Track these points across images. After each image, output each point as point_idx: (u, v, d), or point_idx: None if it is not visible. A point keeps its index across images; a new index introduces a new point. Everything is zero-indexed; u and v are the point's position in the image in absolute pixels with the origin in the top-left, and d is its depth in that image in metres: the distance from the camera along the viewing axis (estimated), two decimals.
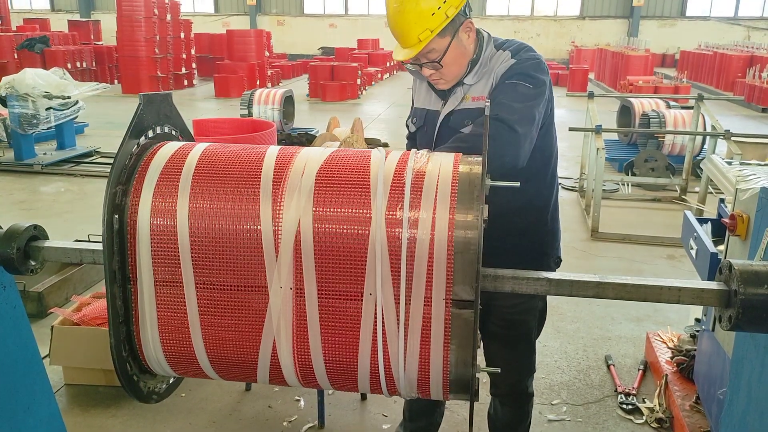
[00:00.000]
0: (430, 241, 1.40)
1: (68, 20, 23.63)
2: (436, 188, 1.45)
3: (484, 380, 3.30)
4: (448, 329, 1.43)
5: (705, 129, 7.39)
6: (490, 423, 2.61)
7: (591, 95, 7.29)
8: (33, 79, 7.76)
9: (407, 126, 2.41)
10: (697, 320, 3.44)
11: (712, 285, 1.42)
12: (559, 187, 2.41)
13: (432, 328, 1.43)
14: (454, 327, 1.43)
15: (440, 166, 1.50)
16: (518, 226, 2.16)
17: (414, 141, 2.38)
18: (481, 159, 1.46)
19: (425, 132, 2.25)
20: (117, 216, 1.50)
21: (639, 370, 3.53)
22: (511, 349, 2.36)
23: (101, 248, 1.51)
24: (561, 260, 2.35)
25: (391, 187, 1.46)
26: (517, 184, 1.48)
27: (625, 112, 9.55)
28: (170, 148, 1.62)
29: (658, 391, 3.21)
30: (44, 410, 1.93)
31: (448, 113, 2.15)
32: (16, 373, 1.80)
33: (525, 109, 1.95)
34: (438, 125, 2.18)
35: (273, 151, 1.61)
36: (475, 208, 1.41)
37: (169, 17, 16.49)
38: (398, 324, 1.44)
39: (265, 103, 9.50)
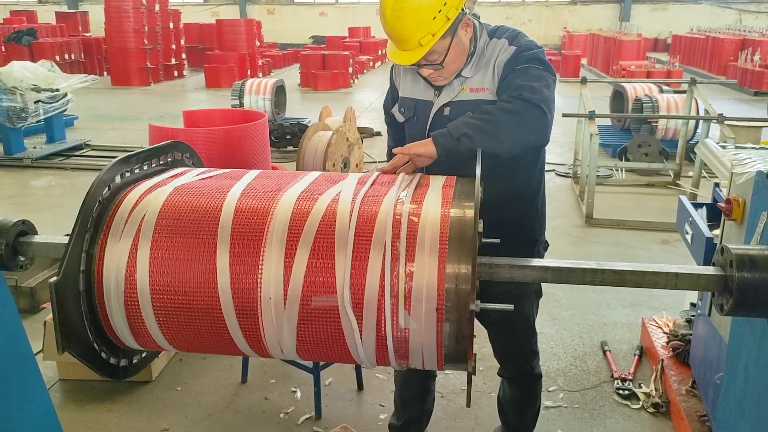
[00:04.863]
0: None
1: (56, 12, 23.36)
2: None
3: (490, 364, 3.30)
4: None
5: (698, 113, 7.38)
6: (500, 405, 2.62)
7: (584, 81, 7.27)
8: (21, 72, 7.66)
9: (390, 113, 2.35)
10: (693, 305, 3.45)
11: (709, 270, 1.41)
12: (552, 174, 2.43)
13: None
14: None
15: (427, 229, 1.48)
16: (510, 216, 2.16)
17: (397, 130, 2.34)
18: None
19: (416, 122, 2.20)
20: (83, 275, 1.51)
21: (635, 355, 3.53)
22: (512, 333, 2.37)
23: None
24: (548, 244, 2.39)
25: (357, 243, 1.47)
26: (511, 307, 1.50)
27: (618, 98, 9.53)
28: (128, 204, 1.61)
29: (654, 376, 3.22)
30: (38, 406, 1.92)
31: (444, 104, 2.11)
32: (7, 370, 1.78)
33: (544, 89, 1.94)
34: (432, 116, 2.13)
35: (233, 197, 1.60)
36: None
37: (157, 7, 16.29)
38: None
39: (257, 93, 9.43)
